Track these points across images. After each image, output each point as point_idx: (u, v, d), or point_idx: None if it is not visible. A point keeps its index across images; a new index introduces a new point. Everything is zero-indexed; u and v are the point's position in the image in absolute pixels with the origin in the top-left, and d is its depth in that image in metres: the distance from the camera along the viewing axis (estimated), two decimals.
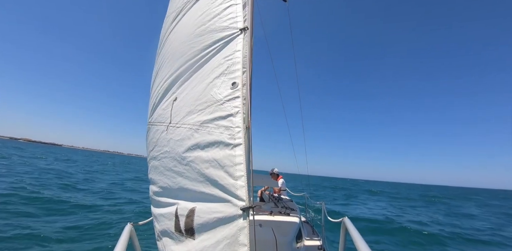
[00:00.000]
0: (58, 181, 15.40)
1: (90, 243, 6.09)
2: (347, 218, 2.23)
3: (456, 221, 14.02)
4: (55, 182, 14.71)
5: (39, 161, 29.90)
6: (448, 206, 23.22)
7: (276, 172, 6.62)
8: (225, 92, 1.73)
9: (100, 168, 33.62)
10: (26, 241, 5.70)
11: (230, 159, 1.50)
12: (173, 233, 1.72)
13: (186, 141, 1.82)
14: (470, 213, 18.57)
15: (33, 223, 7.01)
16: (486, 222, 14.56)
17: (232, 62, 1.79)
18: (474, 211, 20.29)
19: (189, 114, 1.91)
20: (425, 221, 12.72)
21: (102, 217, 8.55)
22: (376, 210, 16.23)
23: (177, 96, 2.20)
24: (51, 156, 45.55)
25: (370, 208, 17.20)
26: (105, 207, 10.05)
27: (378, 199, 24.97)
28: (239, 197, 1.38)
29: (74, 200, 10.37)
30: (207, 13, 2.21)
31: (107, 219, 8.33)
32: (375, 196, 29.43)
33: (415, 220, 13.01)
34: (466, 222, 14.23)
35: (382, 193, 35.28)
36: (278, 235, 2.90)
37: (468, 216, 16.93)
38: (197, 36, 2.21)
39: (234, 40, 1.88)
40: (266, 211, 3.79)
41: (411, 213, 16.11)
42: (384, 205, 20.03)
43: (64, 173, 19.99)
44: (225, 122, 1.64)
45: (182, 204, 1.75)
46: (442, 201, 29.66)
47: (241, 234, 1.29)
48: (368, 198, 25.70)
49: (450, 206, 23.85)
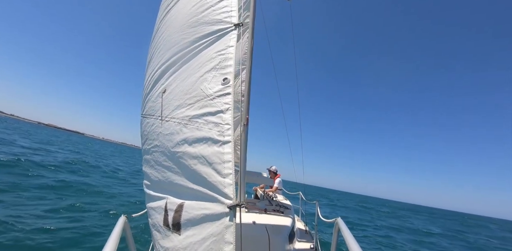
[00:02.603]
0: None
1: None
2: (340, 219, 2.25)
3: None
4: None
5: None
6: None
7: (274, 170, 6.49)
8: (216, 87, 1.69)
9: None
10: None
11: (219, 156, 1.49)
12: (161, 227, 1.73)
13: (175, 136, 1.79)
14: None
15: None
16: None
17: (225, 58, 1.74)
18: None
19: (178, 107, 1.88)
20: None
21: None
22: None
23: (166, 87, 2.14)
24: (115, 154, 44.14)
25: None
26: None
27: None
28: (227, 195, 1.39)
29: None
30: (201, 4, 2.13)
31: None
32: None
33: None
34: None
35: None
36: (271, 233, 2.92)
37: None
38: (189, 27, 2.13)
39: (227, 35, 1.82)
40: (260, 209, 3.79)
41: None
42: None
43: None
44: (214, 118, 1.62)
45: (171, 198, 1.74)
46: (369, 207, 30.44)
47: (228, 232, 1.30)
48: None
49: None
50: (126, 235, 2.23)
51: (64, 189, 9.65)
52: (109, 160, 27.27)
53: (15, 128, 44.91)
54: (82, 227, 6.21)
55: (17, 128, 46.58)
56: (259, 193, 6.16)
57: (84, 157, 21.15)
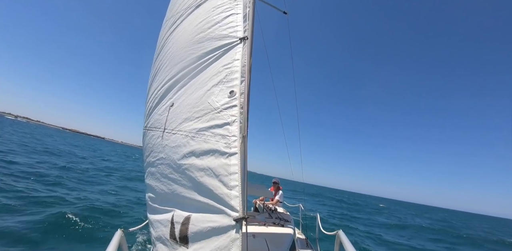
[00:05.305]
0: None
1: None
2: (342, 231, 2.21)
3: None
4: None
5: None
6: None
7: (278, 182, 6.38)
8: (223, 100, 1.73)
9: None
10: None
11: (225, 168, 1.50)
12: (168, 240, 1.71)
13: (181, 148, 1.82)
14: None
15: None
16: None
17: (231, 71, 1.80)
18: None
19: (185, 121, 1.91)
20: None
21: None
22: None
23: (173, 101, 2.19)
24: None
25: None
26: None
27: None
28: (233, 207, 1.38)
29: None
30: (207, 21, 2.22)
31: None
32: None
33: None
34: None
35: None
36: (271, 247, 2.84)
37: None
38: (196, 43, 2.21)
39: (233, 49, 1.89)
40: (260, 222, 3.70)
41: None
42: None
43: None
44: (221, 130, 1.64)
45: (178, 211, 1.74)
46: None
47: (234, 246, 1.29)
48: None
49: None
50: (122, 250, 2.19)
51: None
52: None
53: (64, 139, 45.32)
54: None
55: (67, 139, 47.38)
56: (259, 205, 6.05)
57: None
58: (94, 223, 6.44)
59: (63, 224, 6.00)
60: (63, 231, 5.69)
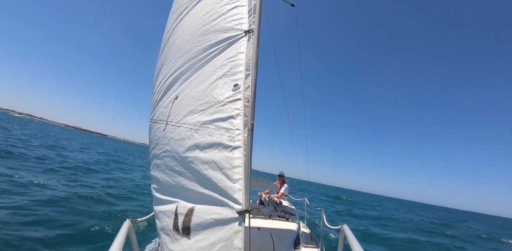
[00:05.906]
0: None
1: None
2: (346, 226, 2.21)
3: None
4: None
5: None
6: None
7: (283, 175, 6.37)
8: (227, 93, 1.73)
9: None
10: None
11: (229, 162, 1.51)
12: (171, 231, 1.74)
13: (186, 141, 1.83)
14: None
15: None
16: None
17: (235, 64, 1.78)
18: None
19: (190, 113, 1.92)
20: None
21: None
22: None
23: (178, 94, 2.20)
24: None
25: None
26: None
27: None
28: (236, 200, 1.40)
29: None
30: (212, 13, 2.19)
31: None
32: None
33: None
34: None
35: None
36: (276, 240, 2.87)
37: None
38: (201, 35, 2.20)
39: (238, 42, 1.87)
40: (265, 215, 3.73)
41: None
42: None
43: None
44: (225, 124, 1.64)
45: (182, 203, 1.77)
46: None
47: (236, 238, 1.31)
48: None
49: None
50: (131, 240, 2.24)
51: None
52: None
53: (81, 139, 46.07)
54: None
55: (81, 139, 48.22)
56: (264, 199, 6.09)
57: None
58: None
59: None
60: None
